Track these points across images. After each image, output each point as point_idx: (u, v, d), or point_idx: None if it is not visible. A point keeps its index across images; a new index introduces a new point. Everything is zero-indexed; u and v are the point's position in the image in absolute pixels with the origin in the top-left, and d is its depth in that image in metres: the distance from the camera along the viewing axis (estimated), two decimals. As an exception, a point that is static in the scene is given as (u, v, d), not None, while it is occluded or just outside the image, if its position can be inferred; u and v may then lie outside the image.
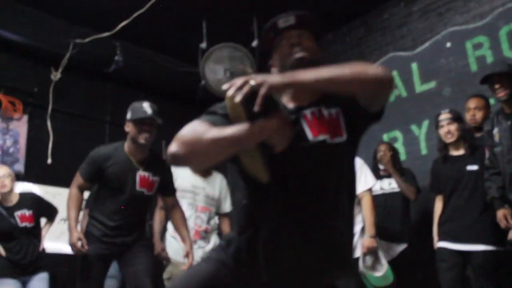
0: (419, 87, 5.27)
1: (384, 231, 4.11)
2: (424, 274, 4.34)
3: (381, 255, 3.90)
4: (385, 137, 5.39)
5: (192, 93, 5.91)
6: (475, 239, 3.64)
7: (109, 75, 5.95)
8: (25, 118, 5.62)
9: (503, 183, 3.51)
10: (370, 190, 3.94)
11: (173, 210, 3.71)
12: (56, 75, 5.75)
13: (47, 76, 5.74)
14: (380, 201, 4.31)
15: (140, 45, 6.02)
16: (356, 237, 3.82)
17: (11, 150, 5.39)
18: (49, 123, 5.61)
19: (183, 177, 4.06)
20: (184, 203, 3.97)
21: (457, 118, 3.92)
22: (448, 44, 5.09)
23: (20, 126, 5.56)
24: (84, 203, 3.85)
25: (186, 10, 5.45)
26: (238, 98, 1.41)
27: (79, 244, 3.36)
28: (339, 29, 6.12)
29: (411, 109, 5.26)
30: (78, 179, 3.54)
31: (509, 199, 3.46)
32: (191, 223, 3.96)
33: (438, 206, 3.99)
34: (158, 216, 4.18)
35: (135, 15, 5.14)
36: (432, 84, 5.16)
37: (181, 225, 3.68)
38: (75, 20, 5.57)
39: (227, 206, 4.29)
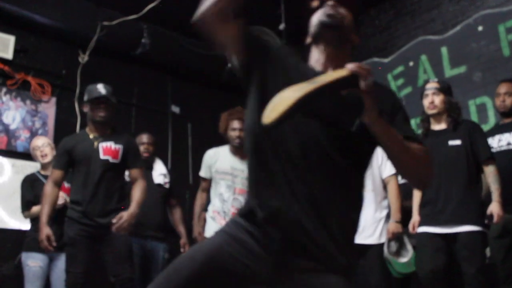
0: (449, 72, 5.17)
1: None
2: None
3: (406, 240, 3.86)
4: (413, 122, 5.32)
5: (219, 76, 5.90)
6: (460, 220, 3.43)
7: (136, 58, 5.97)
8: (54, 100, 5.67)
9: None
10: (396, 175, 3.88)
11: (134, 184, 3.85)
12: (83, 58, 5.78)
13: (75, 59, 5.78)
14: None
15: (167, 28, 6.02)
16: (381, 223, 3.79)
17: (40, 131, 5.46)
18: (77, 106, 5.66)
19: (222, 160, 4.13)
20: (223, 185, 4.09)
21: (444, 89, 3.69)
22: (480, 28, 4.97)
23: (49, 108, 5.62)
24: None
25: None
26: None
27: (45, 242, 3.61)
28: (368, 12, 6.03)
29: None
30: (52, 173, 3.82)
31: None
32: (228, 205, 4.02)
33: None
34: (199, 198, 4.34)
35: (162, -3, 5.13)
36: (462, 69, 5.06)
37: (136, 197, 3.78)
38: (102, 2, 5.58)
39: None
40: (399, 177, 3.98)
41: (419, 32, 5.51)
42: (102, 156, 3.74)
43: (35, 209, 4.31)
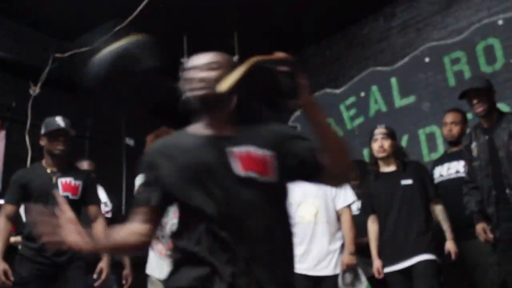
0: (399, 102, 5.33)
1: (362, 248, 4.11)
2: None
3: (360, 272, 3.90)
4: (365, 152, 5.42)
5: (173, 108, 5.89)
6: (416, 252, 3.58)
7: (89, 90, 5.90)
8: (3, 133, 5.54)
9: (481, 197, 3.53)
10: (349, 206, 3.93)
11: (95, 221, 3.73)
12: (35, 90, 5.68)
13: (25, 91, 5.67)
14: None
15: (121, 60, 5.99)
16: (336, 254, 3.81)
17: (-12, 165, 5.31)
18: (27, 139, 5.54)
19: None
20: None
21: (391, 134, 3.90)
22: (427, 59, 5.15)
23: (-2, 141, 5.49)
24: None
25: (167, 25, 5.44)
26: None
27: (3, 277, 3.46)
28: (320, 43, 6.17)
29: (391, 124, 5.27)
30: (4, 208, 3.66)
31: (488, 213, 3.49)
32: (168, 228, 3.97)
33: (373, 227, 3.88)
34: None
35: (115, 29, 5.11)
36: (411, 99, 5.22)
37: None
38: (54, 34, 5.53)
39: None
40: (354, 208, 4.06)
41: (369, 63, 5.67)
42: (61, 192, 3.59)
43: None
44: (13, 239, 4.03)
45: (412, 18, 5.39)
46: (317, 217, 3.78)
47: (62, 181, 3.65)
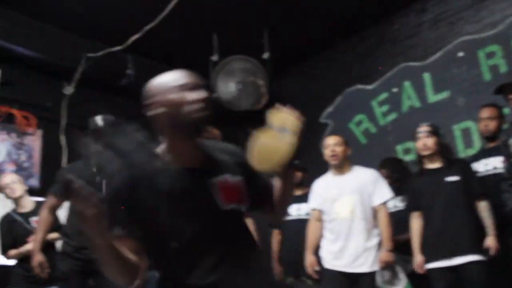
0: (432, 97, 5.24)
1: (400, 245, 4.07)
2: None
3: (399, 269, 3.86)
4: (399, 148, 5.36)
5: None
6: (465, 251, 3.54)
7: (121, 89, 5.98)
8: (39, 132, 5.65)
9: None
10: (386, 203, 3.89)
11: None
12: (69, 90, 5.78)
13: (60, 91, 5.77)
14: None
15: (152, 59, 6.05)
16: (373, 251, 3.78)
17: (25, 164, 5.42)
18: (62, 138, 5.64)
19: None
20: None
21: (435, 132, 3.87)
22: (460, 54, 5.06)
23: (34, 141, 5.59)
24: None
25: (197, 23, 5.47)
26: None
27: (38, 269, 3.61)
28: (350, 40, 6.11)
29: (425, 120, 5.22)
30: (49, 200, 3.75)
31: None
32: None
33: (417, 223, 3.82)
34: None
35: (146, 28, 5.16)
36: (445, 94, 5.14)
37: None
38: (87, 34, 5.61)
39: None
40: (390, 205, 4.04)
41: (400, 59, 5.59)
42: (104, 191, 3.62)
43: (12, 252, 4.27)
44: (50, 235, 4.12)
45: (444, 12, 5.30)
46: (354, 214, 3.76)
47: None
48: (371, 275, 3.73)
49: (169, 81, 1.72)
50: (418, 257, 3.72)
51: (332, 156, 3.89)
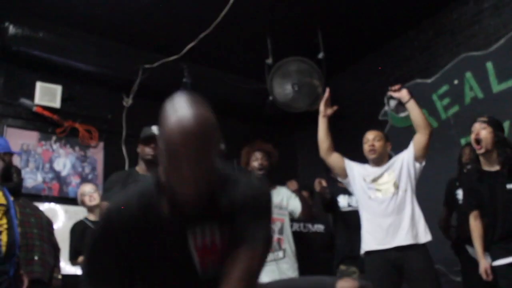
0: (497, 87, 5.03)
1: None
2: None
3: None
4: (463, 141, 5.18)
5: (261, 110, 5.92)
6: None
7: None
8: (101, 145, 5.79)
9: None
10: None
11: None
12: (128, 101, 5.90)
13: (119, 103, 5.90)
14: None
15: (207, 66, 6.10)
16: (421, 221, 3.60)
17: (89, 176, 5.57)
18: (124, 149, 5.75)
19: None
20: None
21: (491, 122, 3.48)
22: (525, 40, 4.84)
23: (97, 153, 5.74)
24: None
25: (250, 27, 5.47)
26: None
27: None
28: (407, 34, 5.96)
29: (489, 111, 5.01)
30: (102, 205, 3.80)
31: None
32: None
33: (477, 224, 3.53)
34: None
35: (200, 36, 5.20)
36: (510, 83, 4.92)
37: None
38: (143, 46, 5.71)
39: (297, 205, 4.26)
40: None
41: (461, 49, 5.40)
42: None
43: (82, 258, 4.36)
44: None
45: (505, -2, 5.09)
46: (397, 187, 3.63)
47: None
48: (421, 247, 3.54)
49: (172, 138, 1.42)
50: (482, 262, 3.47)
51: (370, 151, 3.79)
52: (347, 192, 4.37)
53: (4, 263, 3.51)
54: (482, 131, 3.44)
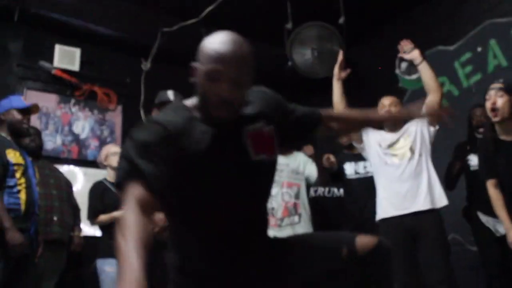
0: (522, 55, 4.92)
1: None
2: None
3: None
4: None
5: (280, 75, 5.87)
6: None
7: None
8: (120, 108, 5.81)
9: None
10: None
11: None
12: (146, 65, 5.88)
13: (138, 67, 5.89)
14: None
15: (226, 30, 6.03)
16: (437, 186, 3.57)
17: (108, 140, 5.61)
18: (142, 113, 5.77)
19: None
20: None
21: (509, 91, 3.28)
22: (553, 6, 4.71)
23: (116, 117, 5.76)
24: None
25: (270, -9, 5.39)
26: None
27: None
28: (430, 1, 5.83)
29: (513, 80, 4.94)
30: None
31: None
32: (279, 200, 4.00)
33: (497, 193, 3.35)
34: None
35: (219, 0, 5.14)
36: (536, 51, 4.81)
37: None
38: (161, 10, 5.66)
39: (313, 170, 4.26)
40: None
41: (486, 16, 5.27)
42: None
43: (102, 217, 4.41)
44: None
45: (534, -38, 4.93)
46: (413, 152, 3.60)
47: None
48: (435, 212, 3.53)
49: (212, 53, 1.61)
50: (511, 233, 3.29)
51: None
52: (353, 159, 4.35)
53: (24, 221, 3.59)
54: (498, 99, 3.29)
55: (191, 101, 1.69)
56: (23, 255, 3.54)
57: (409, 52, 3.70)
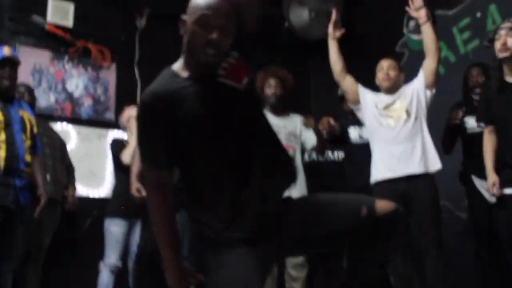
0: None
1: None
2: None
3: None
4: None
5: (276, 37, 5.80)
6: None
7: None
8: (114, 66, 5.74)
9: None
10: None
11: None
12: (141, 22, 5.80)
13: (132, 24, 5.81)
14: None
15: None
16: (432, 151, 3.60)
17: (102, 98, 5.56)
18: (136, 71, 5.71)
19: None
20: None
21: None
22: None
23: (109, 74, 5.69)
24: None
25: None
26: None
27: (137, 194, 4.00)
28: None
29: None
30: None
31: None
32: None
33: (490, 138, 3.38)
34: None
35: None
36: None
37: None
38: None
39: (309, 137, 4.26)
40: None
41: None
42: None
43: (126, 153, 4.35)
44: None
45: None
46: (409, 114, 3.61)
47: None
48: (429, 176, 3.58)
49: (201, 2, 1.77)
50: (492, 176, 3.31)
51: (384, 79, 3.74)
52: (358, 123, 4.34)
53: (5, 177, 3.52)
54: (509, 39, 3.21)
55: (178, 63, 1.86)
56: (7, 210, 3.52)
57: (418, 9, 3.64)
